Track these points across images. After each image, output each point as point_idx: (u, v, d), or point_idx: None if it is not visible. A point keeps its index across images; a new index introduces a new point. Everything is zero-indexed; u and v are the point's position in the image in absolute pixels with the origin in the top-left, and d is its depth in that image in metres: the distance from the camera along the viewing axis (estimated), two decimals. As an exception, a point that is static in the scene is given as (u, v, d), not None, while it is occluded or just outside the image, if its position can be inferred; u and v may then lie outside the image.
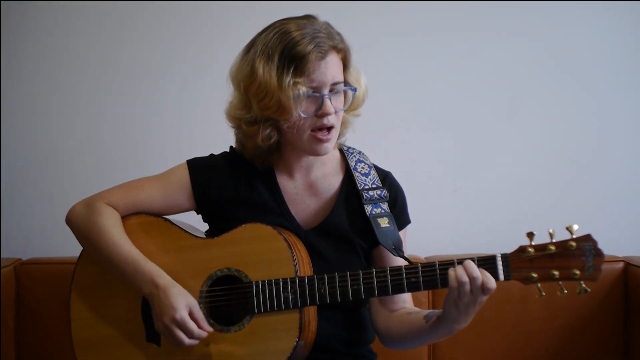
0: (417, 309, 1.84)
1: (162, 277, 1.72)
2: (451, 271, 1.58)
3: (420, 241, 2.28)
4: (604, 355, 2.38)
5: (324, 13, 1.77)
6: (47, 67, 2.69)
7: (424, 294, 2.34)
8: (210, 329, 1.71)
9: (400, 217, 1.86)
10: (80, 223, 1.82)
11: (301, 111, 1.69)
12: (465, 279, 1.56)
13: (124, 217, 1.83)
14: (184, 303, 1.69)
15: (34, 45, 2.68)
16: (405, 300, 1.85)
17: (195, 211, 1.88)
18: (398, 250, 1.76)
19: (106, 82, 2.69)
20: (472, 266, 1.58)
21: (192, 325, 1.68)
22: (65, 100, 2.70)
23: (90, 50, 2.69)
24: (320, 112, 1.70)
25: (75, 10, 2.67)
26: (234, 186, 1.83)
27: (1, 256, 2.54)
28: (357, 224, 1.82)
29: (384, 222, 1.80)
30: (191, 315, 1.69)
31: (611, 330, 2.37)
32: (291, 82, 1.66)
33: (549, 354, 2.37)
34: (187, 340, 1.68)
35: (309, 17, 1.74)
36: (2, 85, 2.68)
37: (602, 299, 2.36)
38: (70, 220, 1.85)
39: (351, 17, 2.61)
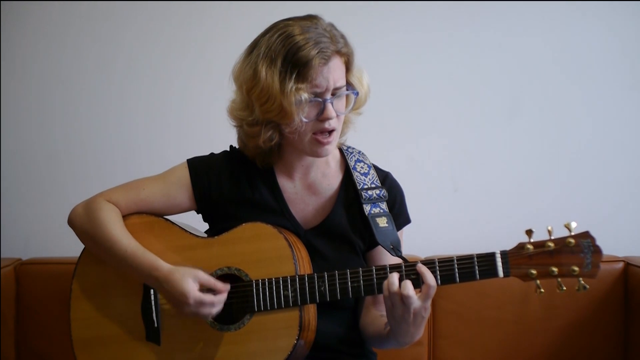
0: None
1: (160, 269, 1.72)
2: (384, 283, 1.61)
3: (420, 241, 2.28)
4: (604, 355, 2.37)
5: (323, 12, 1.77)
6: (47, 67, 2.70)
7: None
8: (227, 287, 1.71)
9: (400, 216, 1.86)
10: (81, 221, 1.83)
11: (303, 116, 1.68)
12: (386, 293, 1.60)
13: (125, 217, 1.83)
14: (190, 282, 1.68)
15: (34, 45, 2.69)
16: None
17: (196, 211, 1.88)
18: (396, 250, 1.76)
19: (106, 82, 2.70)
20: (392, 282, 1.59)
21: (208, 297, 1.68)
22: (65, 100, 2.71)
23: (90, 50, 2.70)
24: (322, 117, 1.70)
25: (75, 10, 2.68)
26: (234, 185, 1.83)
27: (1, 256, 2.55)
28: (356, 224, 1.82)
29: (382, 222, 1.79)
30: (202, 286, 1.69)
31: (611, 330, 2.37)
32: (294, 87, 1.65)
33: (549, 354, 2.37)
34: (214, 310, 1.69)
35: (312, 18, 1.73)
36: (2, 85, 2.69)
37: (602, 299, 2.35)
38: (71, 221, 1.85)
39: (351, 17, 2.60)
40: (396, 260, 1.77)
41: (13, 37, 2.68)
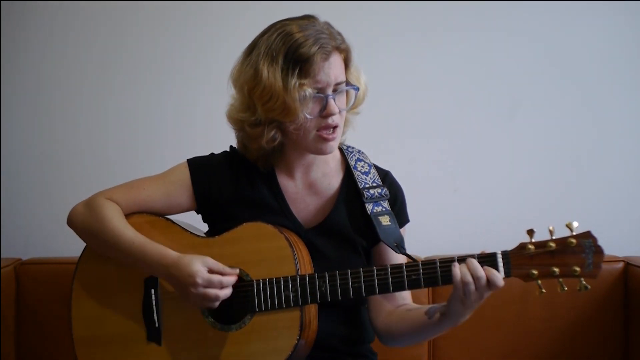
0: (416, 305, 1.83)
1: (168, 256, 1.71)
2: (456, 270, 1.58)
3: (420, 241, 2.28)
4: (604, 355, 2.37)
5: (323, 13, 1.77)
6: (47, 67, 2.70)
7: (423, 292, 2.33)
8: (236, 271, 1.70)
9: (400, 215, 1.86)
10: (82, 220, 1.82)
11: (306, 112, 1.69)
12: (469, 279, 1.57)
13: (125, 217, 1.82)
14: (199, 265, 1.67)
15: (34, 45, 2.69)
16: (405, 298, 1.86)
17: (196, 211, 1.87)
18: (400, 248, 1.77)
19: (106, 82, 2.70)
20: (475, 266, 1.58)
21: (217, 277, 1.67)
22: (65, 100, 2.71)
23: (90, 50, 2.70)
24: (325, 113, 1.70)
25: (75, 10, 2.68)
26: (234, 185, 1.83)
27: (1, 256, 2.55)
28: (357, 223, 1.82)
29: (385, 220, 1.80)
30: (211, 271, 1.68)
31: (611, 330, 2.37)
32: (297, 83, 1.65)
33: (549, 354, 2.37)
34: (222, 292, 1.67)
35: (309, 18, 1.74)
36: (2, 85, 2.69)
37: (602, 299, 2.35)
38: (71, 220, 1.85)
39: (350, 17, 2.61)
40: (401, 258, 1.78)
41: (13, 37, 2.68)
